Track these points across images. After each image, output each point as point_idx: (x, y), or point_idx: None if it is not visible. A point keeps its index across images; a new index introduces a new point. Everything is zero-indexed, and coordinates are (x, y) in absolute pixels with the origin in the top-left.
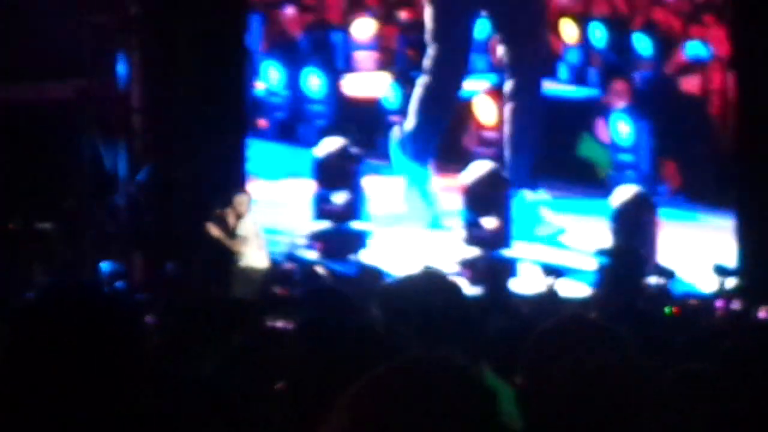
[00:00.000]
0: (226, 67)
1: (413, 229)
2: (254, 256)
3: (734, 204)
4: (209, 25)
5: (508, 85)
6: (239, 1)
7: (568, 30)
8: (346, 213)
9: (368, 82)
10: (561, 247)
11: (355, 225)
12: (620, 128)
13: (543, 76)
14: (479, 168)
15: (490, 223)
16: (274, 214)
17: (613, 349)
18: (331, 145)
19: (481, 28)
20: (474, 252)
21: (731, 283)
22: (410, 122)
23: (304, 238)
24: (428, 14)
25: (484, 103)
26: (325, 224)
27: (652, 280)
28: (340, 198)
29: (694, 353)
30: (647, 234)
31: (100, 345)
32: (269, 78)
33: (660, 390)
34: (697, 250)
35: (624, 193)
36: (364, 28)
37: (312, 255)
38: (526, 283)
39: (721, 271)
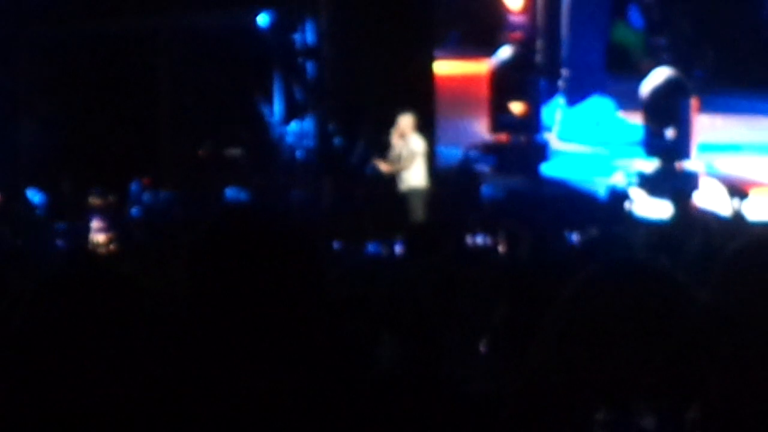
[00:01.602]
0: None
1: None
2: (417, 177)
3: None
4: None
5: None
6: None
7: None
8: (524, 124)
9: None
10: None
11: (535, 137)
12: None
13: None
14: (507, 52)
15: (517, 107)
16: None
17: None
18: (506, 53)
19: None
20: (654, 165)
21: None
22: None
23: (477, 150)
24: None
25: None
26: (501, 136)
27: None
28: (518, 108)
29: None
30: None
31: (283, 270)
32: None
33: None
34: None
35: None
36: None
37: (485, 168)
38: (710, 198)
39: None
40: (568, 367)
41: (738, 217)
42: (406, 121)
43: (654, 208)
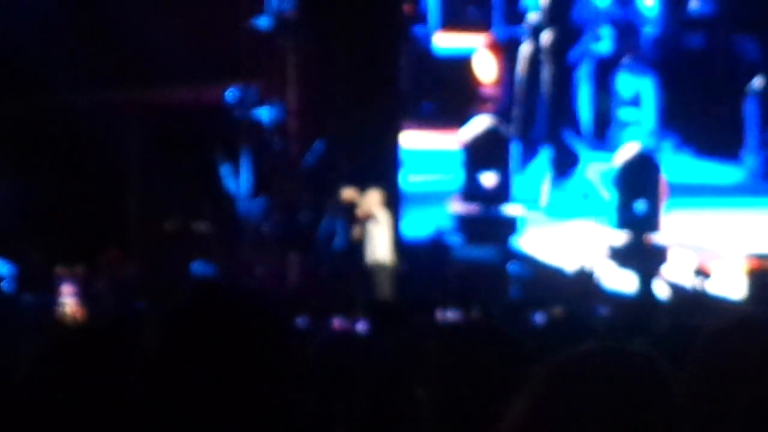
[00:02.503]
0: (381, 66)
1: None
2: (381, 253)
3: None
4: (365, 24)
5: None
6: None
7: None
8: (495, 196)
9: None
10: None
11: (505, 209)
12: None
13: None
14: (478, 124)
15: (489, 179)
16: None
17: None
18: (478, 124)
19: None
20: (623, 238)
21: None
22: None
23: (450, 222)
24: None
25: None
26: (473, 207)
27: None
28: (489, 180)
29: None
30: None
31: (251, 347)
32: None
33: None
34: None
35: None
36: None
37: (457, 239)
38: (675, 270)
39: None
40: None
41: (701, 295)
42: (371, 197)
43: (623, 281)
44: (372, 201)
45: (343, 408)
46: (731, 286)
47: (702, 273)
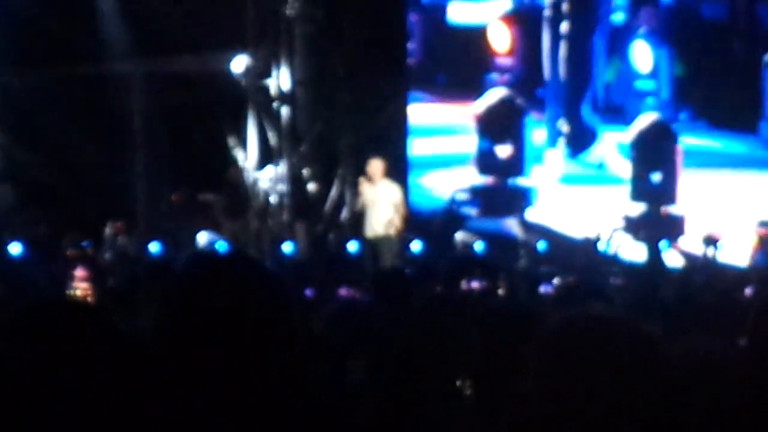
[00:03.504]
0: (389, 36)
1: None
2: (383, 223)
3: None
4: None
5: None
6: None
7: None
8: (510, 168)
9: None
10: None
11: (520, 180)
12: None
13: None
14: (494, 95)
15: (503, 150)
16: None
17: None
18: (493, 96)
19: None
20: (639, 209)
21: None
22: None
23: (464, 193)
24: None
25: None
26: (488, 179)
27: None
28: (504, 152)
29: None
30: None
31: (254, 316)
32: None
33: None
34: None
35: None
36: None
37: (472, 211)
38: (687, 239)
39: None
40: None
41: (712, 263)
42: (374, 166)
43: (637, 251)
44: (374, 169)
45: (351, 376)
46: (741, 254)
47: (713, 241)
